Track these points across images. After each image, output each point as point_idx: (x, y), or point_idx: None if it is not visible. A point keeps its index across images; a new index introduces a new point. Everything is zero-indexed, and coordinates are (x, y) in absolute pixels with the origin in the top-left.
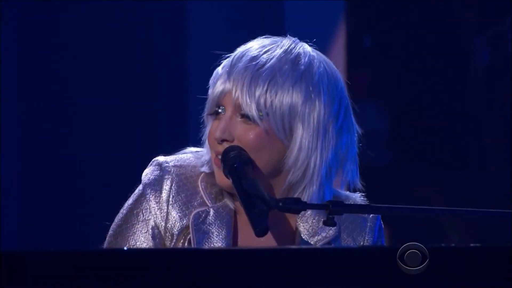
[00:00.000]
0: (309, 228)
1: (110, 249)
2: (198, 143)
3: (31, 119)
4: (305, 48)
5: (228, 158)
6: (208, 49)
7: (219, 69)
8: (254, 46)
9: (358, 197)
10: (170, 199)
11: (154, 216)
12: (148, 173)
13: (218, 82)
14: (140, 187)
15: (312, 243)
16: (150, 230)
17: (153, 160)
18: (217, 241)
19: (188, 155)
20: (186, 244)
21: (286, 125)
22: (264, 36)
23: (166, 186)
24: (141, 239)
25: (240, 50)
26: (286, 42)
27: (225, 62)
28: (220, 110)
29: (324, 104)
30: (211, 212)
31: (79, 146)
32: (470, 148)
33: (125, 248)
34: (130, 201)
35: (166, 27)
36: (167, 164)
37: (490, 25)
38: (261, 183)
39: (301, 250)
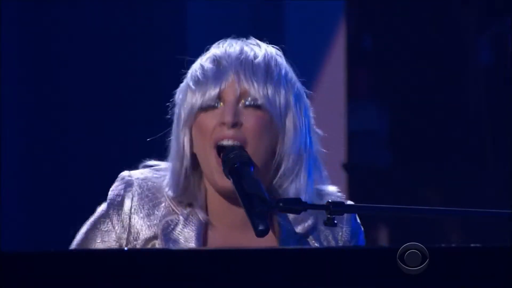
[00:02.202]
0: (287, 222)
1: (110, 250)
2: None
3: (32, 119)
4: (271, 48)
5: (228, 159)
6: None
7: (201, 72)
8: (232, 45)
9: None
10: (132, 211)
11: (115, 230)
12: (112, 189)
13: (211, 79)
14: (104, 203)
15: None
16: (113, 244)
17: (119, 175)
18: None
19: (148, 169)
20: None
21: (282, 113)
22: (224, 40)
23: (128, 199)
24: None
25: (215, 51)
26: (255, 41)
27: (205, 64)
28: (217, 105)
29: (306, 99)
30: (181, 219)
31: (79, 146)
32: (470, 148)
33: (125, 249)
34: (92, 218)
35: (166, 27)
36: (129, 178)
37: (490, 25)
38: (259, 174)
39: (301, 250)
